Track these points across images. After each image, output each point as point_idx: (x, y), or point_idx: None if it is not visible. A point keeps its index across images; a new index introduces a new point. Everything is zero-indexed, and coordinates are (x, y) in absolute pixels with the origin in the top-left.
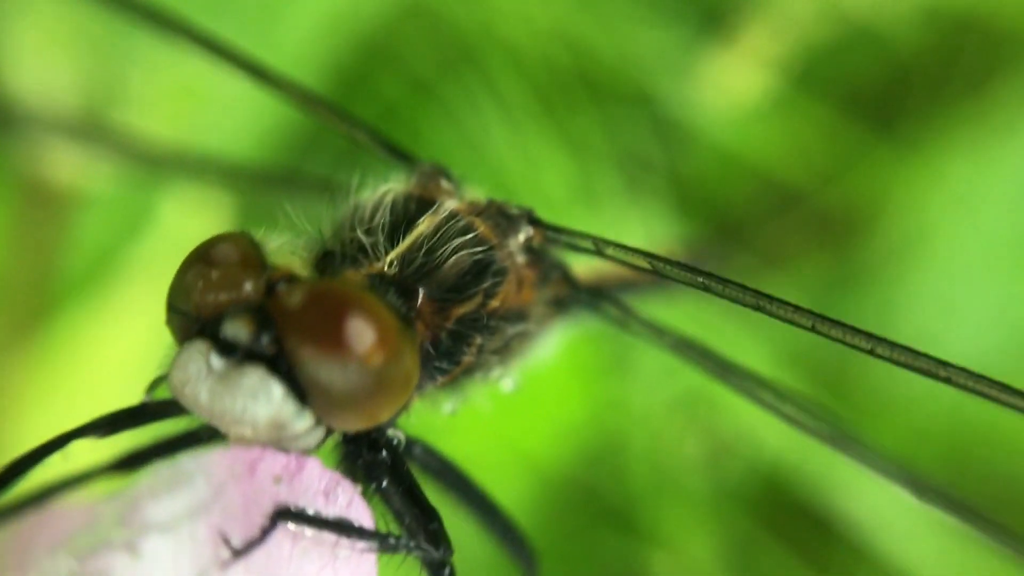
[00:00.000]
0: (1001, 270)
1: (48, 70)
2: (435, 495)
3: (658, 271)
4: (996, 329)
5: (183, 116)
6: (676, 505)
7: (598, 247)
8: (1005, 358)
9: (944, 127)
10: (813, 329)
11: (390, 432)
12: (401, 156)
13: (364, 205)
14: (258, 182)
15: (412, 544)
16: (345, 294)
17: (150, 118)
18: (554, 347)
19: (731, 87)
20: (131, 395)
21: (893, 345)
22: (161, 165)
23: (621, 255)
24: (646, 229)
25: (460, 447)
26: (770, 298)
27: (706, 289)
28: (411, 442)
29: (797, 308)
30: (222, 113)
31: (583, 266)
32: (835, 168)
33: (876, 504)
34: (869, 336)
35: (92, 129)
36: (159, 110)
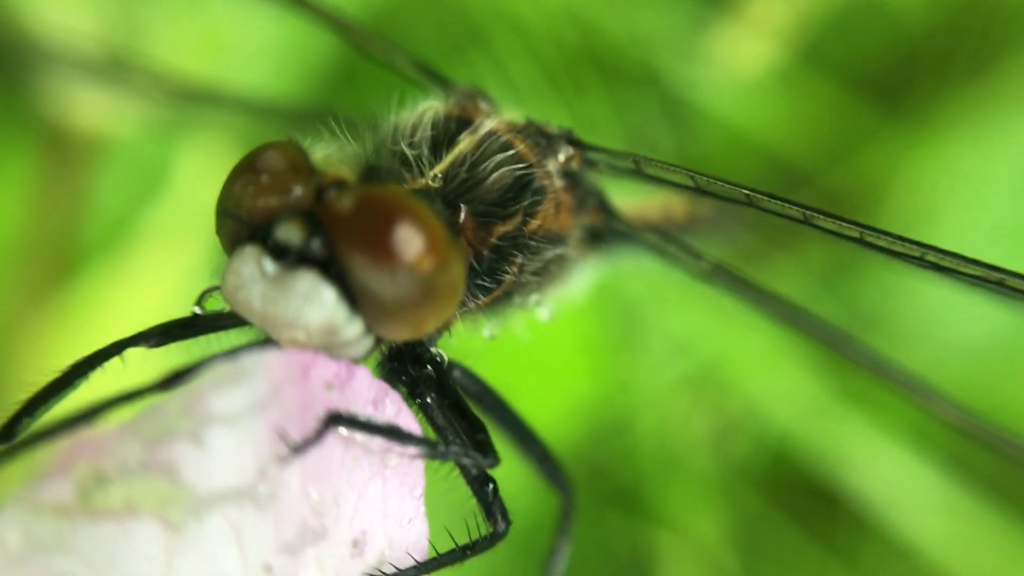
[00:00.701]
0: (1006, 250)
1: (71, 13)
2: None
3: (699, 187)
4: (1000, 310)
5: (205, 63)
6: (683, 484)
7: (638, 165)
8: (1007, 340)
9: (950, 107)
10: (861, 240)
11: (433, 350)
12: (438, 80)
13: (405, 123)
14: (285, 119)
15: (460, 452)
16: (396, 200)
17: (172, 64)
18: (589, 284)
19: (737, 61)
20: (151, 355)
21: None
22: (185, 103)
23: (662, 172)
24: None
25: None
26: (817, 211)
27: (749, 203)
28: (451, 365)
29: (843, 219)
30: (244, 61)
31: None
32: (842, 147)
33: (884, 480)
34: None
35: (115, 72)
36: (181, 57)
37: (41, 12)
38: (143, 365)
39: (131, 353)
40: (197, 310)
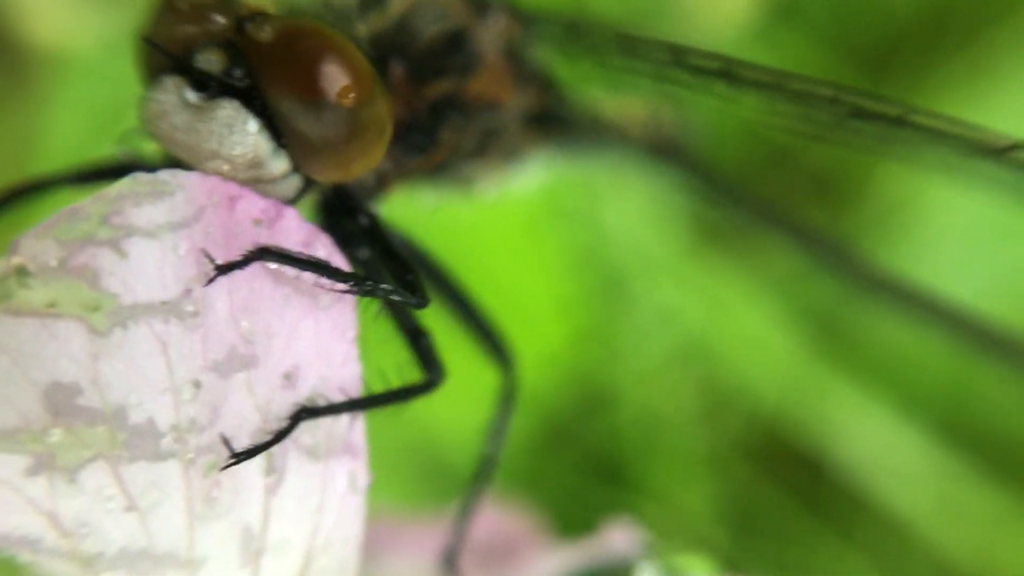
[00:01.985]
0: (994, 232)
1: None
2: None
3: (626, 52)
4: (990, 293)
5: None
6: (671, 458)
7: (575, 32)
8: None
9: (939, 78)
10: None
11: (368, 206)
12: None
13: None
14: None
15: (390, 289)
16: (317, 31)
17: None
18: (536, 177)
19: (714, 16)
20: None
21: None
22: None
23: (595, 39)
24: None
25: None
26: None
27: (679, 63)
28: (390, 228)
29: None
30: None
31: None
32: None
33: (874, 450)
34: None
35: None
36: None
37: None
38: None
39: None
40: (122, 152)
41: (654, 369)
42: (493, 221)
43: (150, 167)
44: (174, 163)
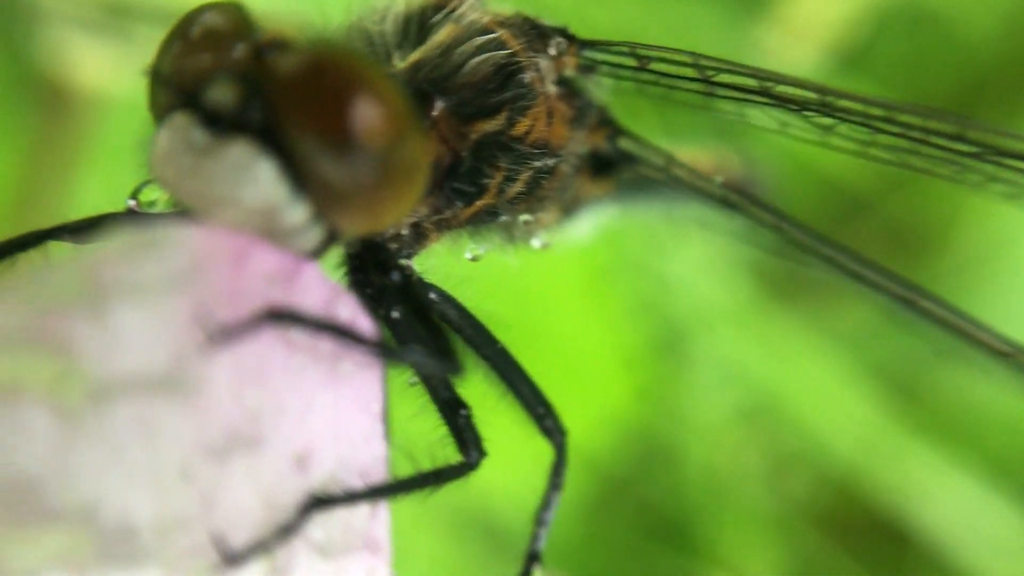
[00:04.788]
0: None
1: None
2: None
3: (705, 78)
4: None
5: None
6: (736, 520)
7: (640, 60)
8: None
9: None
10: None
11: (403, 261)
12: None
13: (375, 6)
14: None
15: (420, 356)
16: (345, 61)
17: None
18: (593, 226)
19: (781, 68)
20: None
21: None
22: None
23: (666, 66)
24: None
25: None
26: (844, 94)
27: (764, 92)
28: (427, 285)
29: (867, 99)
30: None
31: None
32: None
33: (956, 517)
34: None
35: (117, 23)
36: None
37: None
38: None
39: (57, 249)
40: (131, 204)
41: (718, 426)
42: (549, 270)
43: (152, 217)
44: (184, 215)
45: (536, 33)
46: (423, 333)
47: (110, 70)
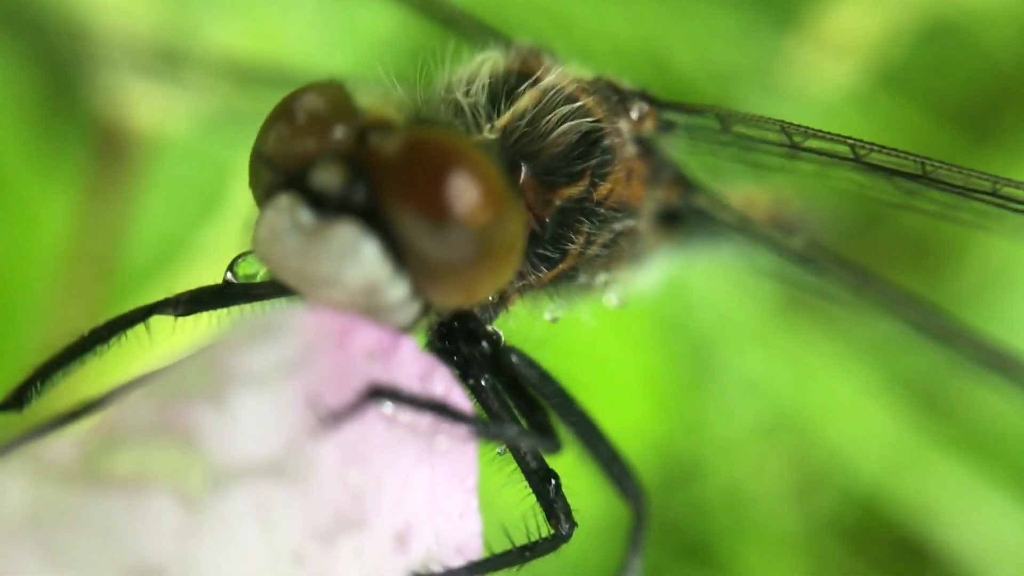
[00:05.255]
0: None
1: (126, 10)
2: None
3: (793, 144)
4: None
5: (260, 58)
6: (761, 538)
7: (723, 121)
8: None
9: None
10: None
11: (489, 328)
12: (499, 38)
13: (461, 75)
14: None
15: (518, 433)
16: (448, 143)
17: (227, 57)
18: (661, 275)
19: (812, 85)
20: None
21: None
22: (242, 98)
23: (750, 130)
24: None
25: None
26: (941, 162)
27: (855, 159)
28: (508, 349)
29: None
30: (298, 60)
31: None
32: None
33: (984, 535)
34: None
35: (170, 67)
36: (235, 51)
37: (96, 7)
38: (171, 337)
39: (158, 323)
40: (229, 276)
41: (741, 441)
42: None
43: (258, 293)
44: (282, 289)
45: (617, 97)
46: (517, 402)
47: (164, 115)
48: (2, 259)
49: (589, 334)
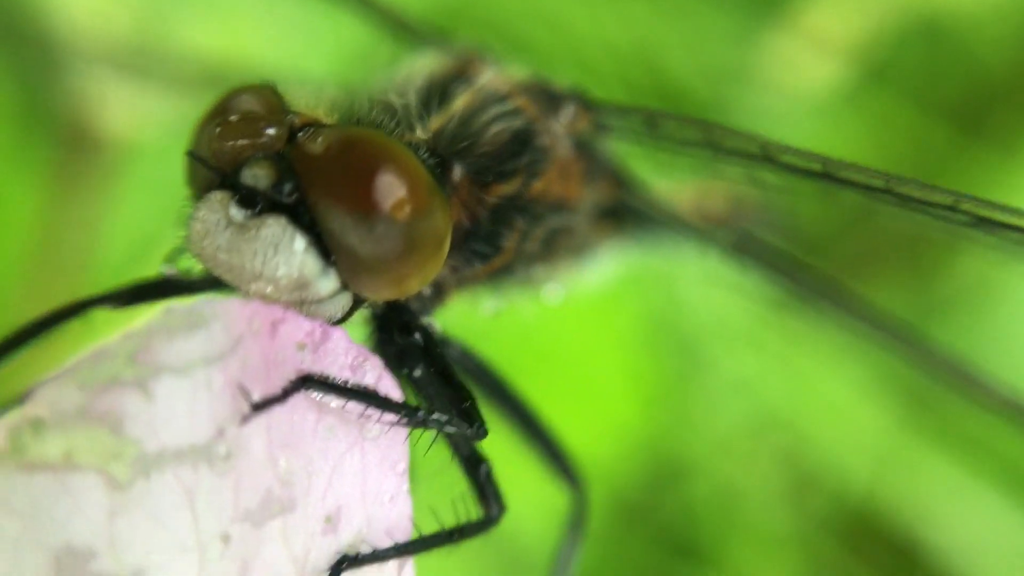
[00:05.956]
0: None
1: (99, 11)
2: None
3: (714, 144)
4: None
5: (231, 60)
6: (752, 538)
7: (653, 122)
8: None
9: None
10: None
11: (425, 320)
12: (442, 41)
13: (397, 76)
14: None
15: (445, 419)
16: (372, 141)
17: (197, 58)
18: (606, 271)
19: (799, 82)
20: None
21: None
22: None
23: (677, 129)
24: None
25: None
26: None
27: (768, 159)
28: (447, 341)
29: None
30: (272, 62)
31: None
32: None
33: (975, 534)
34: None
35: (140, 67)
36: (206, 52)
37: (66, 8)
38: (108, 330)
39: (97, 317)
40: (166, 270)
41: (731, 441)
42: None
43: (195, 287)
44: (218, 283)
45: (551, 97)
46: (446, 391)
47: (134, 113)
48: None
49: (576, 333)
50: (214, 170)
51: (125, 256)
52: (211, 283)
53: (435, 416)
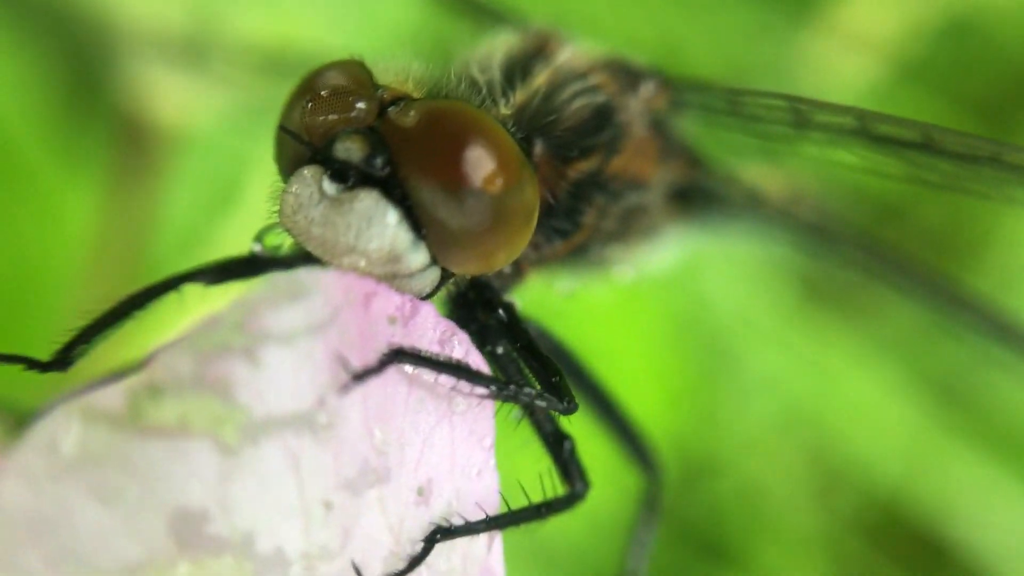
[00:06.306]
0: None
1: (149, 2)
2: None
3: (802, 116)
4: None
5: (283, 49)
6: (779, 536)
7: (734, 101)
8: None
9: None
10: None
11: (505, 298)
12: (517, 24)
13: (477, 54)
14: None
15: (534, 394)
16: (464, 114)
17: (250, 50)
18: (670, 256)
19: (829, 78)
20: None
21: None
22: (265, 89)
23: (760, 108)
24: None
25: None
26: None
27: (862, 132)
28: (525, 320)
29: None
30: (320, 51)
31: None
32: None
33: (1009, 532)
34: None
35: (194, 58)
36: (259, 43)
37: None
38: (201, 305)
39: (189, 292)
40: (256, 248)
41: (758, 438)
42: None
43: (285, 263)
44: (308, 259)
45: (630, 74)
46: (533, 366)
47: (187, 106)
48: (28, 251)
49: (603, 331)
50: (306, 145)
51: (178, 245)
52: (299, 259)
53: (525, 390)
